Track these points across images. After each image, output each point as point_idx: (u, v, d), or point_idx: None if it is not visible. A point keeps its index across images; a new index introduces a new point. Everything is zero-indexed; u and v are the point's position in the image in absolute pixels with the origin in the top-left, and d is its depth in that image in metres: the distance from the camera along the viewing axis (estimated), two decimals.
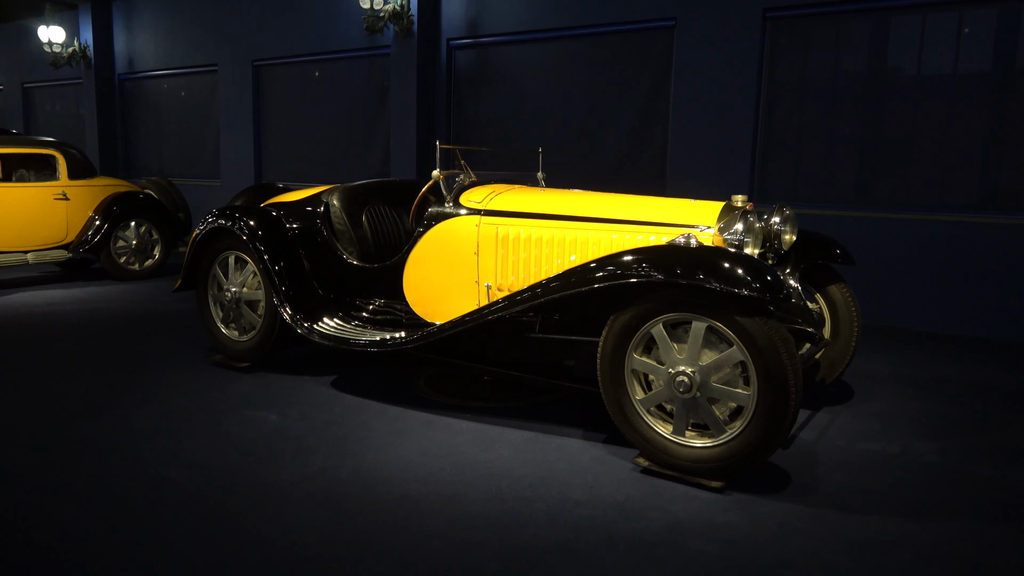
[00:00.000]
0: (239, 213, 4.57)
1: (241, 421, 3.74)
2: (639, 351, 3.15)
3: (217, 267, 4.75)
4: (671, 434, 3.12)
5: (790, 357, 2.82)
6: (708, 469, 3.02)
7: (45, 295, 7.09)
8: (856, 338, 4.05)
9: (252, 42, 10.58)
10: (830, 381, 4.14)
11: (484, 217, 3.95)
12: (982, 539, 2.68)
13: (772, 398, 2.83)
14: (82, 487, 2.97)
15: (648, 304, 3.07)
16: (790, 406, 2.82)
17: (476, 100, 8.75)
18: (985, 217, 5.90)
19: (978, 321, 5.92)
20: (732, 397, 2.97)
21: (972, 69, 5.95)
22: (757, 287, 2.80)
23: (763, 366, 2.83)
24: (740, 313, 2.86)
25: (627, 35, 7.51)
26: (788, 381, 2.80)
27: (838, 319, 4.08)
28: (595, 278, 3.16)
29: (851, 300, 4.07)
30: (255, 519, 2.72)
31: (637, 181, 7.58)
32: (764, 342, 2.82)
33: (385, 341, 3.96)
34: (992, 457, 3.45)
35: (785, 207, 3.83)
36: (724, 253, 2.98)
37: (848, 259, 4.06)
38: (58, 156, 7.60)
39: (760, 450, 2.91)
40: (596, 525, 2.72)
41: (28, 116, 14.63)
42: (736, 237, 3.35)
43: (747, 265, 2.88)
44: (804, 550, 2.57)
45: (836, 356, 4.08)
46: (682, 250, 3.02)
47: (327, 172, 10.17)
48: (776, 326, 2.85)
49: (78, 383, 4.33)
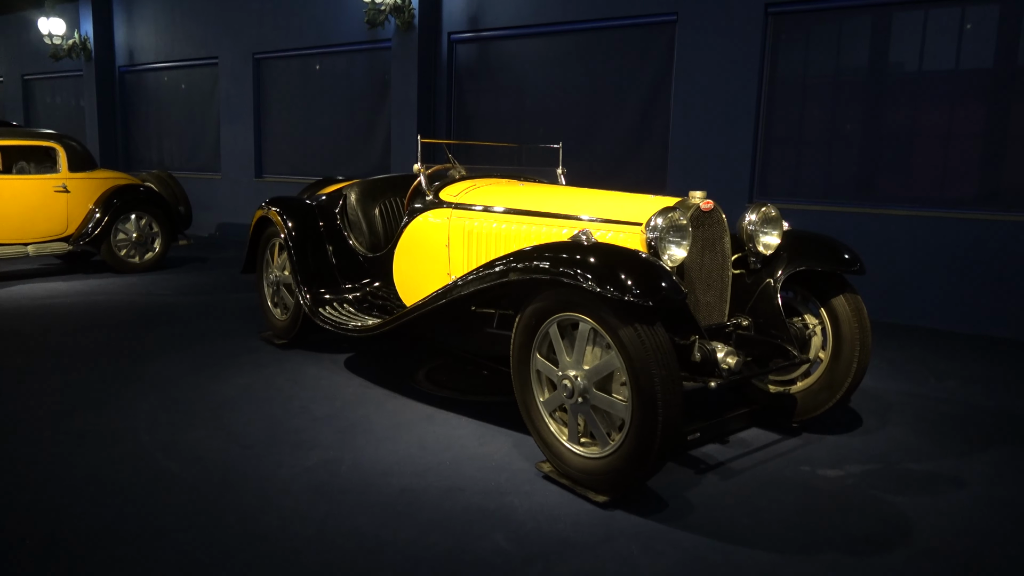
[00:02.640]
0: (277, 203, 4.97)
1: (241, 414, 3.74)
2: (543, 351, 3.05)
3: (268, 252, 5.18)
4: (567, 441, 2.99)
5: (661, 367, 2.56)
6: (595, 481, 2.85)
7: (45, 287, 7.09)
8: (860, 360, 3.44)
9: (253, 35, 10.56)
10: (828, 406, 3.51)
11: (454, 211, 4.05)
12: (977, 537, 2.69)
13: (641, 411, 2.61)
14: (82, 479, 2.97)
15: (543, 302, 2.96)
16: (658, 421, 2.56)
17: (477, 94, 8.74)
18: (987, 214, 5.90)
19: (980, 318, 5.92)
20: (610, 406, 2.78)
21: (974, 65, 5.94)
22: (628, 289, 2.58)
23: (634, 375, 2.61)
24: (613, 316, 2.66)
25: (628, 30, 7.49)
26: (655, 393, 2.55)
27: (840, 337, 3.48)
28: (492, 274, 3.13)
29: (856, 316, 3.46)
30: (254, 511, 2.73)
31: (638, 176, 7.57)
32: (634, 349, 2.59)
33: (363, 327, 4.17)
34: (989, 455, 3.45)
35: (766, 206, 3.49)
36: (609, 251, 2.78)
37: (855, 266, 3.44)
38: (58, 148, 7.60)
39: (636, 468, 2.69)
40: (596, 519, 2.73)
41: (28, 108, 14.61)
42: (653, 235, 3.03)
43: (626, 265, 2.67)
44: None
45: (834, 379, 3.48)
46: (569, 247, 2.85)
47: (327, 165, 10.17)
48: (653, 333, 2.61)
49: (78, 375, 4.33)
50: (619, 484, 2.79)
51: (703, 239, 3.25)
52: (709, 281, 3.30)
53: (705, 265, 3.27)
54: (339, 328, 4.26)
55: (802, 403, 3.57)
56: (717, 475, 3.16)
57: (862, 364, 3.44)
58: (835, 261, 3.46)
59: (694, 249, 3.20)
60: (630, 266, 2.67)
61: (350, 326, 4.21)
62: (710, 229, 3.28)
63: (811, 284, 3.58)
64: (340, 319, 4.36)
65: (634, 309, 2.63)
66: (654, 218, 3.04)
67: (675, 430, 2.62)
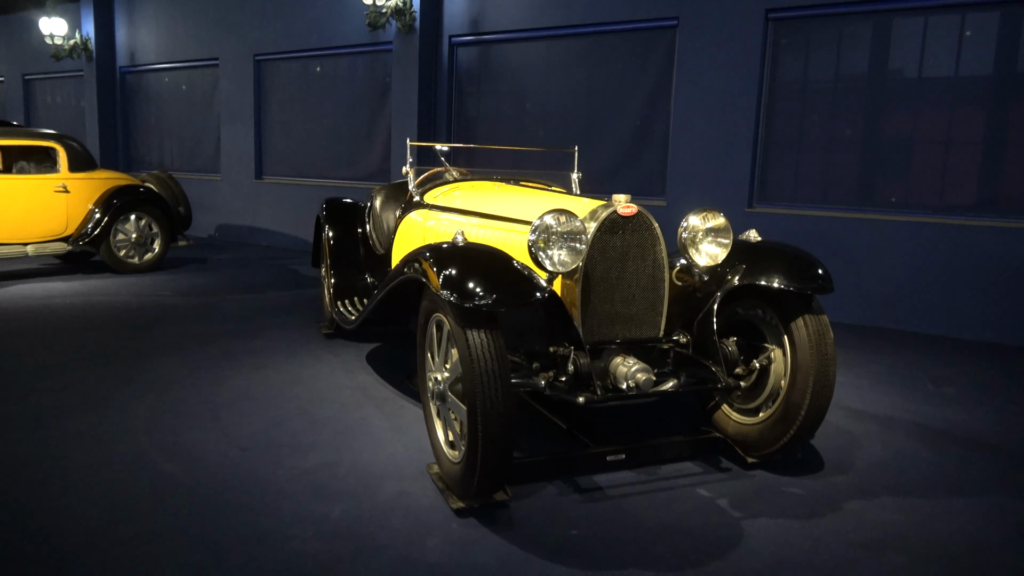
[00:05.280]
0: (327, 204, 5.39)
1: (240, 415, 3.74)
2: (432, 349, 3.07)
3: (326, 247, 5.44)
4: (445, 443, 2.97)
5: (485, 375, 2.47)
6: (459, 486, 2.77)
7: (44, 288, 7.09)
8: (816, 393, 2.95)
9: (254, 36, 10.57)
10: (783, 443, 3.07)
11: (430, 212, 4.20)
12: (976, 542, 2.69)
13: (469, 419, 2.54)
14: (80, 480, 2.97)
15: (425, 301, 3.02)
16: (477, 431, 2.50)
17: (477, 97, 8.75)
18: (985, 220, 5.91)
19: (978, 325, 5.93)
20: (457, 411, 2.70)
21: (973, 72, 5.96)
22: (460, 292, 2.53)
23: (468, 381, 2.51)
24: (452, 318, 2.59)
25: (629, 34, 7.51)
26: (475, 401, 2.48)
27: (796, 366, 3.02)
28: (395, 272, 3.22)
29: (817, 342, 2.97)
30: (252, 513, 2.73)
31: (638, 180, 7.58)
32: (463, 353, 2.52)
33: (352, 320, 4.43)
34: (987, 461, 3.46)
35: (710, 211, 3.12)
36: (465, 253, 2.72)
37: (815, 283, 2.97)
38: (59, 148, 7.60)
39: (470, 478, 2.63)
40: (596, 519, 2.73)
41: (29, 108, 14.61)
42: (532, 236, 2.83)
43: (471, 268, 2.61)
44: None
45: (788, 413, 3.03)
46: (439, 248, 2.81)
47: (328, 167, 10.18)
48: (487, 339, 2.52)
49: (77, 376, 4.33)
50: (466, 493, 2.73)
51: (623, 246, 3.01)
52: (631, 292, 3.05)
53: (627, 275, 3.04)
54: (343, 323, 4.57)
55: (759, 437, 3.16)
56: (629, 499, 3.00)
57: (819, 398, 2.97)
58: (794, 277, 2.97)
59: (604, 256, 2.98)
60: (474, 269, 2.62)
61: (348, 319, 4.53)
62: (633, 235, 3.02)
63: (776, 302, 3.13)
64: (346, 313, 4.73)
65: (474, 313, 2.56)
66: (541, 219, 2.82)
67: (499, 442, 2.52)
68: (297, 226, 10.36)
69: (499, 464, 2.60)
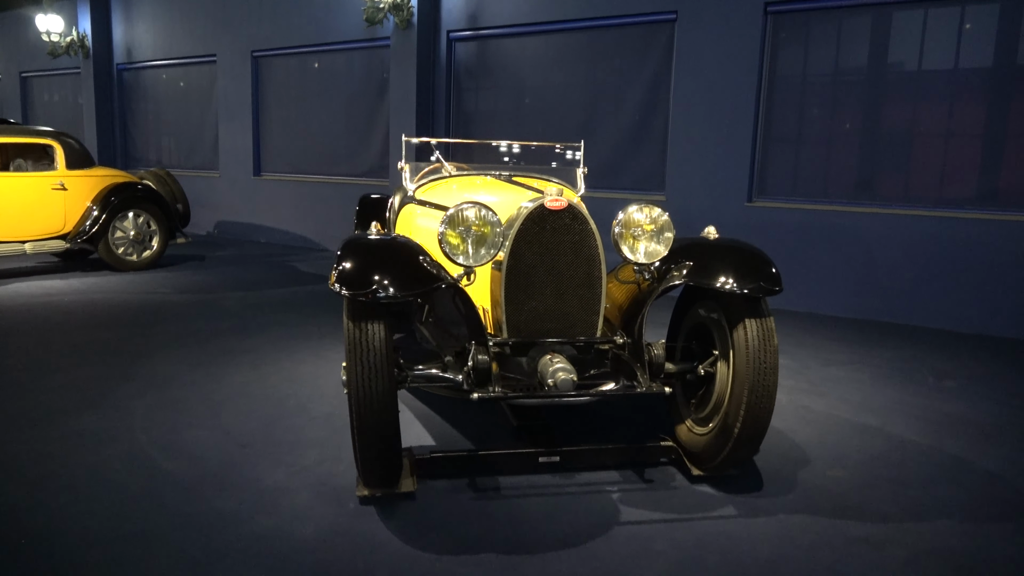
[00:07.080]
0: (361, 200, 5.53)
1: (239, 412, 3.73)
2: None
3: None
4: None
5: (360, 364, 2.53)
6: (360, 475, 2.87)
7: (42, 285, 7.07)
8: (752, 405, 2.74)
9: (251, 33, 10.54)
10: (723, 456, 2.88)
11: (415, 206, 4.22)
12: (977, 536, 2.69)
13: (350, 409, 2.60)
14: (79, 478, 2.96)
15: None
16: (354, 419, 2.57)
17: (476, 92, 8.73)
18: (986, 213, 5.90)
19: (978, 318, 5.92)
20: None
21: (973, 65, 5.94)
22: (343, 280, 2.60)
23: (351, 371, 2.57)
24: (345, 308, 2.64)
25: (628, 28, 7.49)
26: (355, 392, 2.54)
27: (735, 374, 2.82)
28: None
29: (755, 349, 2.76)
30: (252, 511, 2.72)
31: (637, 175, 7.57)
32: (348, 343, 2.58)
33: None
34: (989, 454, 3.45)
35: (647, 207, 2.95)
36: (367, 246, 2.76)
37: (754, 284, 2.77)
38: (56, 146, 7.57)
39: (359, 465, 2.73)
40: (595, 517, 2.72)
41: (26, 106, 14.58)
42: (441, 227, 2.76)
43: (360, 258, 2.68)
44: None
45: (727, 425, 2.84)
46: (362, 239, 2.83)
47: (326, 164, 10.16)
48: (367, 329, 2.57)
49: (75, 374, 4.32)
50: (367, 482, 2.81)
51: (552, 241, 2.84)
52: (563, 288, 2.90)
53: (559, 270, 2.87)
54: None
55: (703, 449, 3.02)
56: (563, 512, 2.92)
57: (756, 410, 2.76)
58: (738, 277, 2.78)
59: (529, 250, 2.83)
60: (370, 261, 2.67)
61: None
62: (563, 230, 2.85)
63: (724, 304, 2.95)
64: None
65: (359, 303, 2.60)
66: (448, 212, 2.76)
67: (378, 432, 2.57)
68: (295, 222, 10.35)
69: (380, 455, 2.64)
